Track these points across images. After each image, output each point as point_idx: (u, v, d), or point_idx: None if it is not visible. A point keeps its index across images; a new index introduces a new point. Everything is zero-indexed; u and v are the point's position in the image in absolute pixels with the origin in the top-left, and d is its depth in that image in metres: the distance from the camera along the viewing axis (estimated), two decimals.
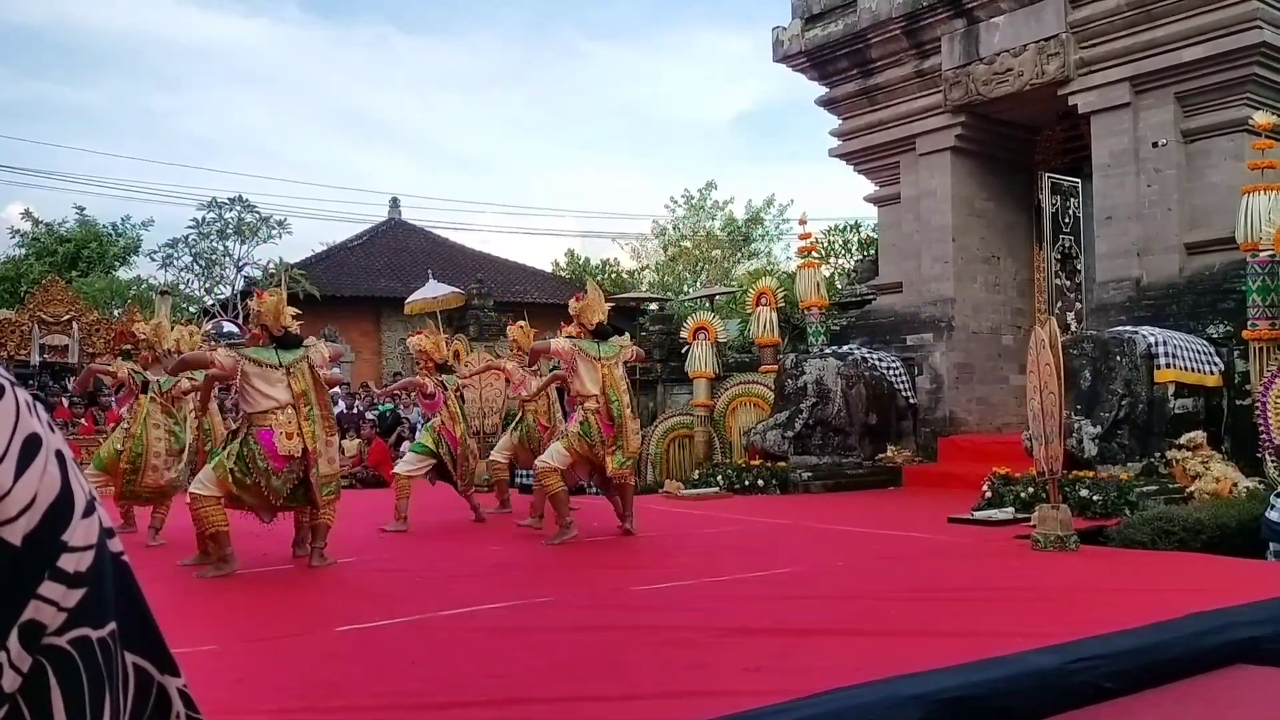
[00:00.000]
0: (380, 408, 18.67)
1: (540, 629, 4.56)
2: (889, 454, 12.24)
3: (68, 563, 0.88)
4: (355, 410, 18.28)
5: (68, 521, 0.89)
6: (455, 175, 69.45)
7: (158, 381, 7.75)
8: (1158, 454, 8.97)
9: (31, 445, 0.87)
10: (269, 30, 68.99)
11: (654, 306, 26.43)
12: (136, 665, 0.98)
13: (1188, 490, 8.53)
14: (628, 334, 10.11)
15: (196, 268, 25.92)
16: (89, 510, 0.92)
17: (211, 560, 6.22)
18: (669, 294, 31.97)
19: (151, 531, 7.63)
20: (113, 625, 0.93)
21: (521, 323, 10.50)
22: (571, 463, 7.54)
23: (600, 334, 7.71)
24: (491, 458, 10.02)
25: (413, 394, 9.16)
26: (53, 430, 0.90)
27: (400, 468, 8.99)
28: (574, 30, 72.84)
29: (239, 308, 24.56)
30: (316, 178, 73.27)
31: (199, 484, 6.12)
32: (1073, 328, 11.52)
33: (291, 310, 6.46)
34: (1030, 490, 8.41)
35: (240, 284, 25.71)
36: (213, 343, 8.95)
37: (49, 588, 0.87)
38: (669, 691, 3.41)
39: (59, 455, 0.89)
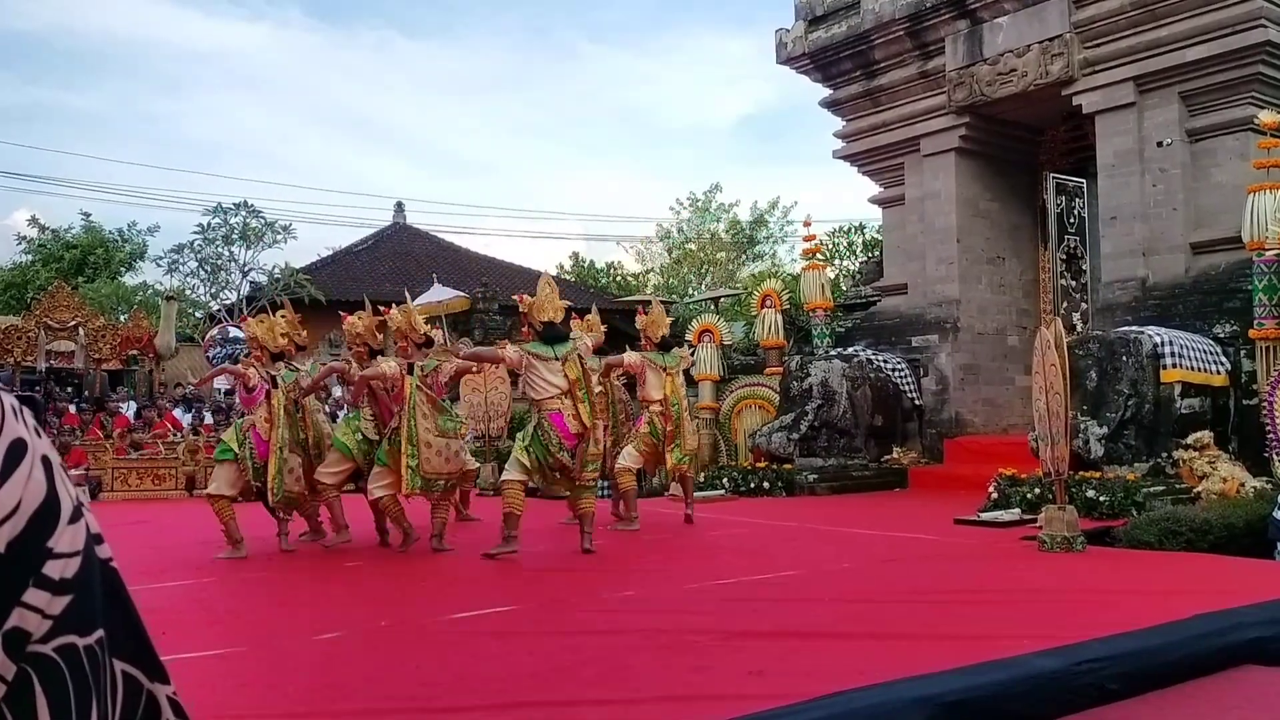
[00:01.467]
0: None
1: (542, 632, 4.55)
2: (895, 456, 12.22)
3: (53, 569, 0.87)
4: None
5: (53, 527, 0.88)
6: (459, 179, 69.61)
7: (421, 365, 7.42)
8: (1164, 454, 8.94)
9: (16, 450, 0.86)
10: (271, 35, 69.21)
11: None
12: (125, 673, 0.97)
13: (1195, 490, 8.50)
14: (683, 346, 10.26)
15: (202, 273, 25.97)
16: (75, 516, 0.90)
17: (504, 539, 6.77)
18: (674, 296, 31.97)
19: (435, 539, 7.27)
20: (100, 633, 0.92)
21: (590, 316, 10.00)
22: (643, 462, 8.55)
23: (663, 346, 8.67)
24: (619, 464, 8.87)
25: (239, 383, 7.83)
26: (39, 435, 0.90)
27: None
28: (575, 33, 72.95)
29: (244, 313, 24.63)
30: (320, 182, 73.62)
31: (508, 471, 6.90)
32: (1078, 328, 11.47)
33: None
34: (1036, 491, 8.39)
35: (246, 289, 25.74)
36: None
37: (34, 595, 0.85)
38: (671, 695, 3.39)
39: (45, 460, 0.89)
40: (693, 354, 14.41)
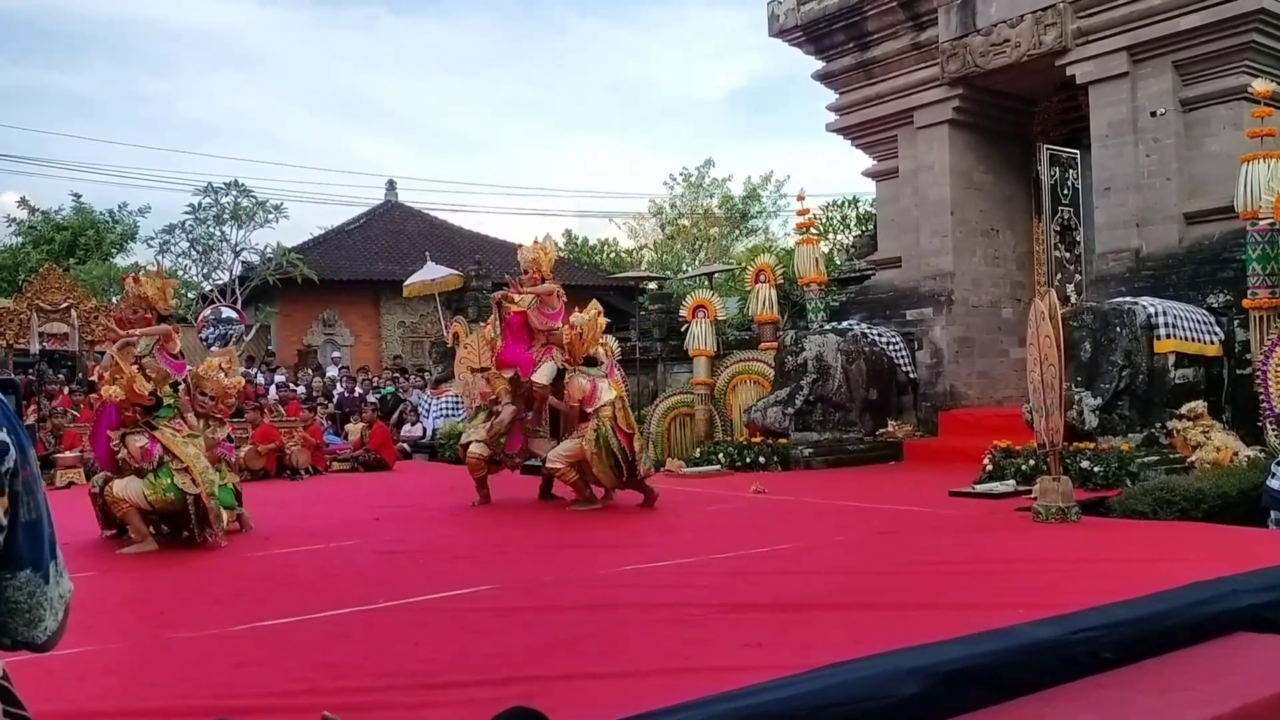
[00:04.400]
0: (381, 390, 18.68)
1: (540, 608, 4.56)
2: (890, 429, 12.24)
3: None
4: (356, 394, 18.29)
5: None
6: (450, 156, 69.24)
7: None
8: (1158, 424, 8.97)
9: None
10: (258, 12, 68.67)
11: (653, 285, 26.44)
12: None
13: (1189, 460, 8.53)
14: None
15: (194, 253, 25.80)
16: None
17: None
18: (668, 273, 31.93)
19: None
20: None
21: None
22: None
23: (589, 363, 8.35)
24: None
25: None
26: None
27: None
28: (564, 7, 72.46)
29: (236, 293, 24.53)
30: (311, 161, 73.11)
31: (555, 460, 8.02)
32: (1072, 300, 11.48)
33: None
34: (1031, 463, 8.41)
35: (238, 269, 25.63)
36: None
37: None
38: (670, 668, 3.41)
39: None
40: (686, 330, 14.43)
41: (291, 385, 19.03)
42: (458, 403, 15.98)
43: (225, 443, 7.90)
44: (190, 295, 25.40)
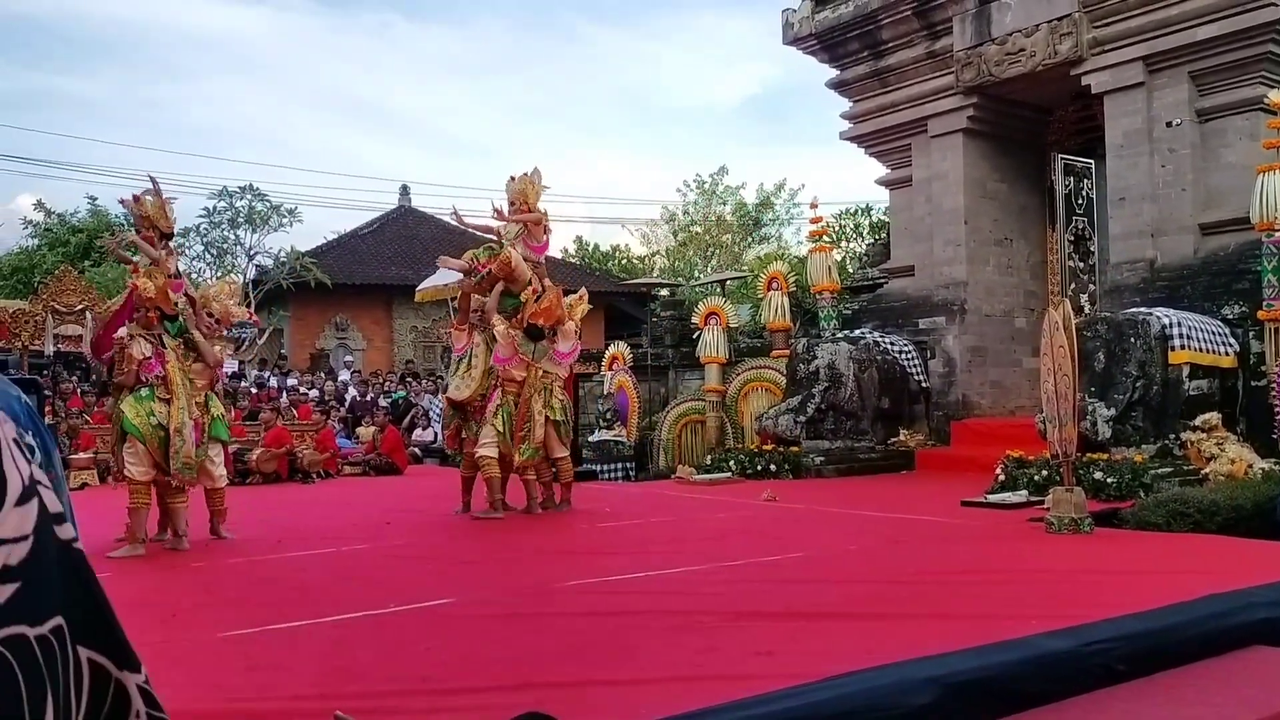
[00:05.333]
0: (393, 395, 18.71)
1: (551, 614, 4.56)
2: (902, 438, 12.21)
3: None
4: (368, 398, 18.32)
5: None
6: (462, 162, 69.46)
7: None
8: (1172, 436, 8.93)
9: None
10: (272, 18, 69.04)
11: (665, 292, 26.43)
12: (91, 661, 0.91)
13: (1203, 472, 8.48)
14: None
15: (208, 256, 25.95)
16: (25, 497, 0.84)
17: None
18: (680, 279, 31.93)
19: None
20: (57, 620, 0.86)
21: None
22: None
23: (531, 333, 8.18)
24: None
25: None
26: None
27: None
28: (575, 14, 72.64)
29: (250, 296, 24.60)
30: (324, 166, 73.39)
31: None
32: (1086, 310, 11.42)
33: None
34: (1044, 473, 8.38)
35: (252, 272, 25.73)
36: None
37: None
38: (680, 675, 3.40)
39: None
40: (698, 336, 14.44)
41: (303, 389, 19.08)
42: None
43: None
44: None
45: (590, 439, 14.51)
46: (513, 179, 8.62)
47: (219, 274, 26.23)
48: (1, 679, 0.81)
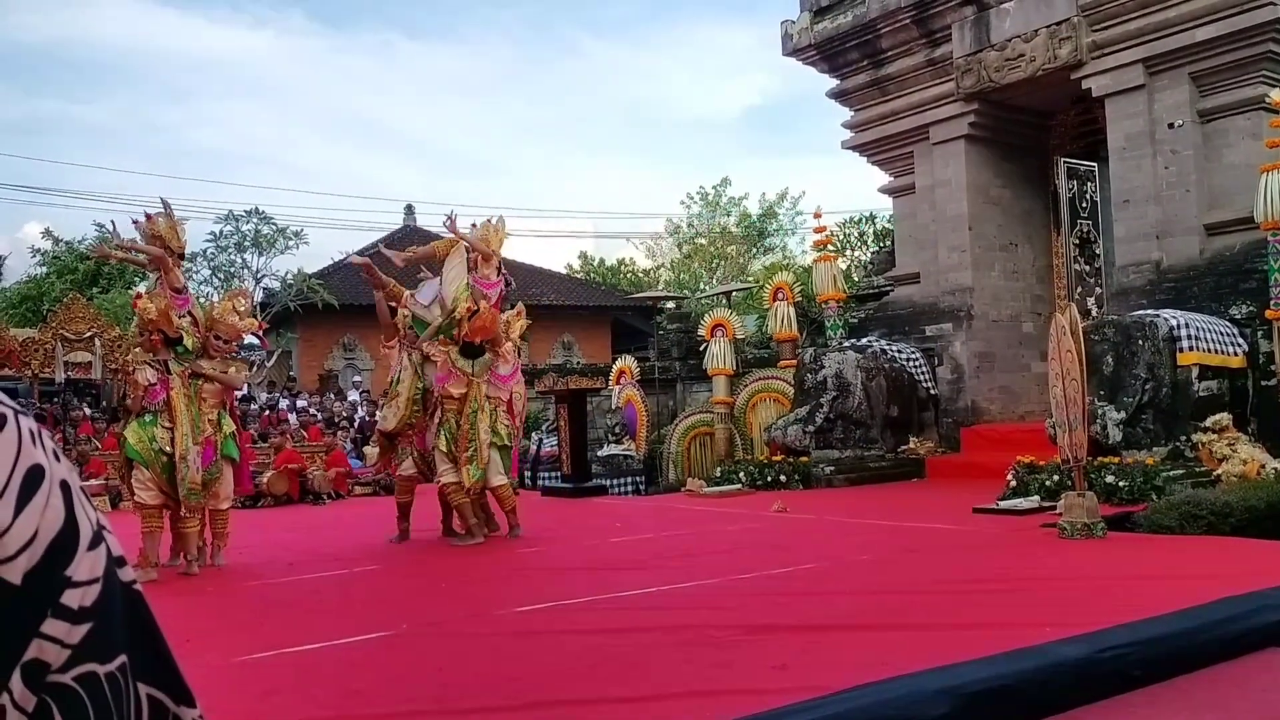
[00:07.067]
0: None
1: (564, 631, 4.55)
2: (911, 446, 12.19)
3: (72, 598, 0.85)
4: (376, 417, 18.33)
5: (71, 555, 0.86)
6: (466, 180, 69.63)
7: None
8: (1183, 437, 8.90)
9: (34, 478, 0.84)
10: (274, 41, 69.35)
11: (671, 305, 26.45)
12: (151, 697, 0.95)
13: (1215, 473, 8.45)
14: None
15: (215, 280, 26.05)
16: (95, 542, 0.89)
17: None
18: (686, 292, 31.96)
19: None
20: (122, 659, 0.91)
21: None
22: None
23: (467, 351, 7.82)
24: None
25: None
26: (58, 459, 0.88)
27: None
28: (576, 29, 72.87)
29: (258, 319, 24.68)
30: (328, 186, 73.65)
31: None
32: (1093, 313, 11.42)
33: None
34: (1055, 478, 8.35)
35: (259, 295, 25.83)
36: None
37: (52, 625, 0.84)
38: (695, 691, 3.39)
39: (64, 485, 0.87)
40: (705, 349, 14.45)
41: (313, 411, 19.12)
42: None
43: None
44: None
45: (599, 454, 14.52)
46: (474, 225, 8.52)
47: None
48: (75, 714, 0.85)
